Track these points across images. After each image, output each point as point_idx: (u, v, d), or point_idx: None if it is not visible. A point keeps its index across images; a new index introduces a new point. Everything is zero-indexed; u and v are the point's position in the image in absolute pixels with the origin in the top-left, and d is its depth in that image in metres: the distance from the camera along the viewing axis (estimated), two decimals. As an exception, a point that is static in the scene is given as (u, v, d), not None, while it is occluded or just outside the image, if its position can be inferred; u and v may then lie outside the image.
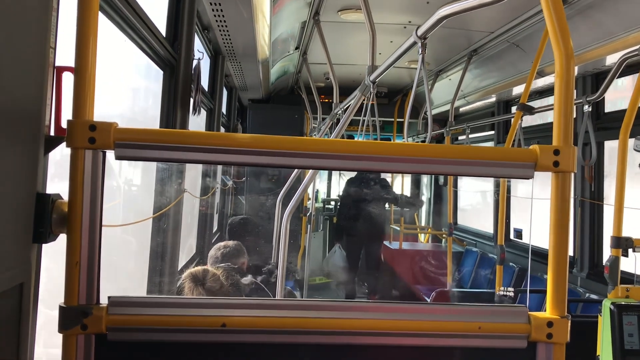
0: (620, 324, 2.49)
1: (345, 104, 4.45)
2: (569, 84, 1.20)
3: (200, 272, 2.51)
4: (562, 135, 1.20)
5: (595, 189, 4.68)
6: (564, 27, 1.22)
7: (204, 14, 3.56)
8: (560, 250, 1.21)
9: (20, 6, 1.07)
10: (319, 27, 4.48)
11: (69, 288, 1.11)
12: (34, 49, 1.14)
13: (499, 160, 1.22)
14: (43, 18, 1.14)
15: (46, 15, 1.16)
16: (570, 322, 1.21)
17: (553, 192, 1.20)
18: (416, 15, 4.50)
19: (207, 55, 4.47)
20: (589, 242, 4.71)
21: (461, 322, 1.20)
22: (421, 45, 2.02)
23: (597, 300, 3.69)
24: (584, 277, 4.68)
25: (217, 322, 1.14)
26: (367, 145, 1.25)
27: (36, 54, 1.14)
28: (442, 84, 6.83)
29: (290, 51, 6.05)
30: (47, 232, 1.13)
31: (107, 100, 2.44)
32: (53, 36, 1.20)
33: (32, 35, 1.13)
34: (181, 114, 2.75)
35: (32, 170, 1.12)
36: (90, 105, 1.14)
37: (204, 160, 1.19)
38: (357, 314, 1.22)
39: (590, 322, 2.91)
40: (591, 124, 3.58)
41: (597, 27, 3.67)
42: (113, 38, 2.13)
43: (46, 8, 1.16)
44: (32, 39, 1.13)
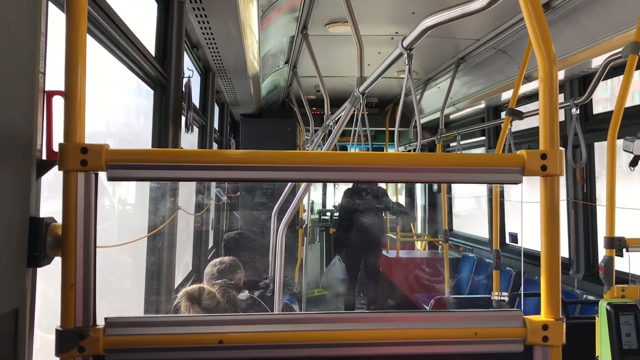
0: (617, 324, 2.50)
1: (337, 116, 4.48)
2: (552, 88, 1.22)
3: (195, 290, 2.50)
4: (548, 139, 1.22)
5: (588, 190, 4.71)
6: (546, 33, 1.24)
7: (192, 32, 3.58)
8: (551, 253, 1.22)
9: (9, 32, 1.08)
10: (308, 41, 4.51)
11: (65, 310, 1.12)
12: (23, 75, 1.15)
13: (487, 166, 1.23)
14: (32, 43, 1.15)
15: (35, 41, 1.17)
16: (569, 324, 1.22)
17: (542, 195, 1.22)
18: (403, 26, 4.55)
19: (197, 73, 4.49)
20: (584, 244, 4.73)
21: (458, 328, 1.21)
22: (407, 56, 2.04)
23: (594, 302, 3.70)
24: (580, 278, 4.70)
25: (214, 339, 1.15)
26: (357, 156, 1.27)
27: (26, 79, 1.15)
28: (431, 92, 6.88)
29: (280, 65, 6.09)
30: (42, 256, 1.13)
31: (95, 120, 2.45)
32: (42, 61, 1.21)
33: (21, 61, 1.14)
34: (173, 132, 2.76)
35: (25, 194, 1.13)
36: (81, 128, 1.15)
37: (196, 178, 1.20)
38: (355, 325, 1.22)
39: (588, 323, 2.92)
40: (580, 126, 3.61)
41: (582, 31, 3.71)
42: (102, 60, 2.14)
43: (35, 33, 1.17)
44: (21, 65, 1.14)
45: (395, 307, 6.97)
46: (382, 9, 4.13)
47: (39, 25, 1.17)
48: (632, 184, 4.45)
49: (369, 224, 7.18)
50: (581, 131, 3.59)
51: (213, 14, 3.20)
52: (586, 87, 4.49)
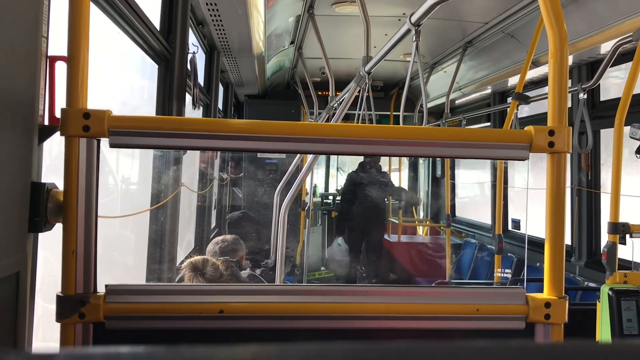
0: (619, 309, 2.49)
1: (341, 97, 4.45)
2: (562, 65, 1.20)
3: (200, 261, 2.51)
4: (556, 116, 1.20)
5: (592, 177, 4.68)
6: (558, 9, 1.22)
7: (198, 9, 3.55)
8: (556, 232, 1.21)
9: (11, -5, 1.06)
10: (314, 21, 4.47)
11: (66, 277, 1.11)
12: (25, 39, 1.13)
13: (494, 142, 1.22)
14: (34, 7, 1.14)
15: (38, 5, 1.15)
16: (569, 310, 1.21)
17: (549, 173, 1.20)
18: (410, 7, 4.47)
19: (203, 51, 4.46)
20: (587, 231, 4.71)
21: (460, 304, 1.20)
22: (415, 33, 2.02)
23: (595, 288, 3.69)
24: (582, 265, 4.69)
25: (215, 308, 1.14)
26: (364, 128, 1.25)
27: (28, 44, 1.14)
28: (437, 77, 6.83)
29: (286, 46, 6.04)
30: (43, 221, 1.12)
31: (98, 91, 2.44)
32: (45, 25, 1.19)
33: (24, 25, 1.12)
34: (177, 108, 2.74)
35: (27, 159, 1.12)
36: (83, 93, 1.14)
37: (200, 147, 1.19)
38: (357, 298, 1.22)
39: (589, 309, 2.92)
40: (587, 111, 3.58)
41: (591, 15, 3.66)
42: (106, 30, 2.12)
43: (37, -3, 1.15)
44: (24, 29, 1.13)
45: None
46: (390, -11, 4.09)
47: (42, -12, 1.15)
48: (638, 172, 4.43)
49: (372, 208, 7.17)
50: (588, 117, 3.55)
51: (219, -11, 3.17)
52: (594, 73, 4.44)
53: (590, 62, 4.56)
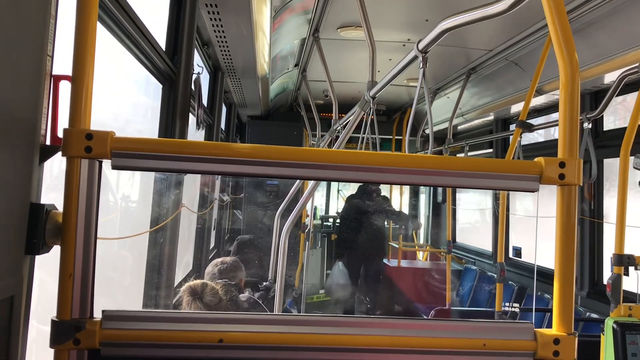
0: (623, 343, 2.45)
1: (345, 120, 4.45)
2: (574, 96, 1.19)
3: (198, 285, 2.47)
4: (567, 148, 1.18)
5: (595, 207, 4.66)
6: (569, 38, 1.20)
7: (204, 30, 3.56)
8: (566, 265, 1.18)
9: (18, 13, 1.05)
10: (319, 44, 4.49)
11: (61, 301, 1.08)
12: (30, 57, 1.12)
13: (503, 172, 1.19)
14: (41, 26, 1.13)
15: (44, 23, 1.14)
16: None
17: (559, 205, 1.18)
18: (415, 33, 4.52)
19: (207, 71, 4.47)
20: (589, 261, 4.68)
21: (465, 339, 1.17)
22: (422, 60, 2.01)
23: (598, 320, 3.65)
24: (584, 296, 4.64)
25: (214, 337, 1.11)
26: (368, 156, 1.23)
27: (33, 62, 1.12)
28: (440, 102, 6.85)
29: (290, 68, 6.07)
30: (41, 243, 1.09)
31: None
32: (51, 44, 1.18)
33: (29, 43, 1.11)
34: (180, 128, 2.73)
35: (27, 179, 1.10)
36: (87, 113, 1.12)
37: (202, 171, 1.17)
38: (357, 330, 1.18)
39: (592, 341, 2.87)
40: (591, 141, 3.57)
41: (596, 46, 3.68)
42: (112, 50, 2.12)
43: (44, 16, 1.14)
44: (29, 47, 1.11)
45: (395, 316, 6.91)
46: (395, 15, 4.11)
47: (49, 7, 1.14)
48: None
49: (371, 232, 7.15)
50: (593, 146, 3.54)
51: (226, 11, 3.18)
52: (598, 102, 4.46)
53: (594, 92, 4.57)
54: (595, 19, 3.53)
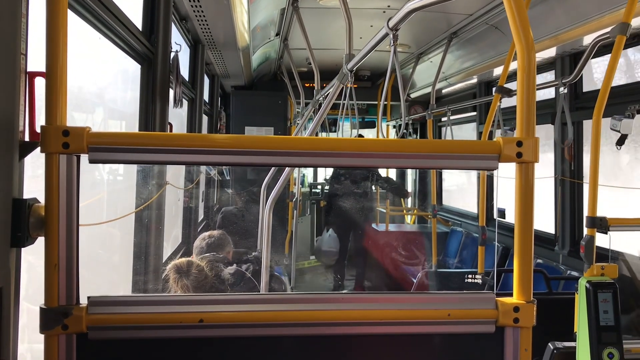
0: (595, 301, 2.56)
1: (326, 91, 4.47)
2: (530, 77, 1.24)
3: (184, 263, 2.53)
4: (524, 127, 1.24)
5: (575, 167, 4.75)
6: (525, 20, 1.25)
7: (180, 5, 3.55)
8: (524, 237, 1.25)
9: (-11, 14, 1.08)
10: (299, 14, 4.47)
11: (48, 290, 1.14)
12: (3, 56, 1.15)
13: (465, 153, 1.25)
14: (12, 25, 1.15)
15: (15, 22, 1.17)
16: (551, 300, 1.26)
17: (517, 182, 1.25)
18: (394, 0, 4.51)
19: (187, 45, 4.45)
20: (570, 220, 4.79)
21: (431, 310, 1.25)
22: (392, 37, 2.04)
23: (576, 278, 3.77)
24: (565, 254, 4.77)
25: (195, 318, 1.18)
26: (341, 142, 1.28)
27: (7, 61, 1.16)
28: (423, 67, 6.86)
29: (271, 37, 6.03)
30: (25, 236, 1.15)
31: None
32: (23, 42, 1.21)
33: (2, 43, 1.14)
34: (160, 107, 2.75)
35: (8, 176, 1.14)
36: (63, 110, 1.16)
37: (181, 162, 1.21)
38: (335, 305, 1.26)
39: (571, 299, 2.99)
40: (567, 105, 3.63)
41: (573, 9, 3.70)
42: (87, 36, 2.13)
43: (15, 14, 1.17)
44: (2, 46, 1.14)
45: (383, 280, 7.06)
46: (374, -18, 4.10)
47: (19, 7, 1.17)
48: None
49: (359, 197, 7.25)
50: (568, 110, 3.60)
51: (202, -15, 3.16)
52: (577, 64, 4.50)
53: (573, 54, 4.61)
54: (572, -19, 3.54)
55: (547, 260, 4.93)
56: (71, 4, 1.78)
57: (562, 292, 4.15)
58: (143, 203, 2.87)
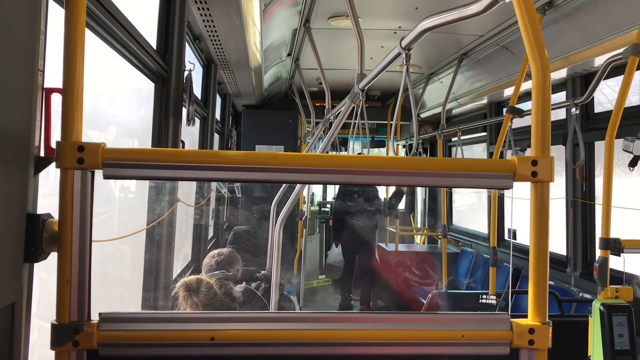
0: (610, 324, 2.52)
1: (337, 110, 4.49)
2: (545, 96, 1.23)
3: (194, 281, 2.53)
4: (539, 146, 1.23)
5: (587, 188, 4.71)
6: (539, 39, 1.25)
7: (194, 25, 3.59)
8: (540, 257, 1.23)
9: (8, 30, 1.09)
10: (310, 34, 4.51)
11: (60, 305, 1.14)
12: (22, 72, 1.16)
13: (479, 171, 1.25)
14: (31, 42, 1.17)
15: (34, 39, 1.18)
16: (563, 322, 1.24)
17: (532, 201, 1.23)
18: (406, 21, 4.54)
19: (200, 64, 4.50)
20: (582, 242, 4.74)
21: (446, 330, 1.23)
22: (405, 56, 2.06)
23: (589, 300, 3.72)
24: (577, 276, 4.72)
25: (206, 336, 1.17)
26: (353, 159, 1.28)
27: (24, 77, 1.17)
28: (434, 87, 6.88)
29: (283, 57, 6.08)
30: (38, 252, 1.15)
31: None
32: (41, 59, 1.22)
33: (20, 59, 1.15)
34: (173, 125, 2.77)
35: (23, 191, 1.15)
36: (78, 125, 1.17)
37: (194, 178, 1.22)
38: (346, 325, 1.24)
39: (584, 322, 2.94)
40: (579, 125, 3.62)
41: (584, 30, 3.71)
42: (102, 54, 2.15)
43: (34, 31, 1.19)
44: (20, 63, 1.16)
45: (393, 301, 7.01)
46: (385, 3, 4.13)
47: (38, 24, 1.19)
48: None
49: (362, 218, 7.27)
50: (580, 131, 3.59)
51: (215, 6, 3.20)
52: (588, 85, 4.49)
53: (584, 75, 4.61)
54: (583, 3, 3.55)
55: (559, 282, 4.87)
56: (89, 23, 1.81)
57: (574, 315, 4.09)
58: (154, 220, 2.88)
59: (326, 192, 10.27)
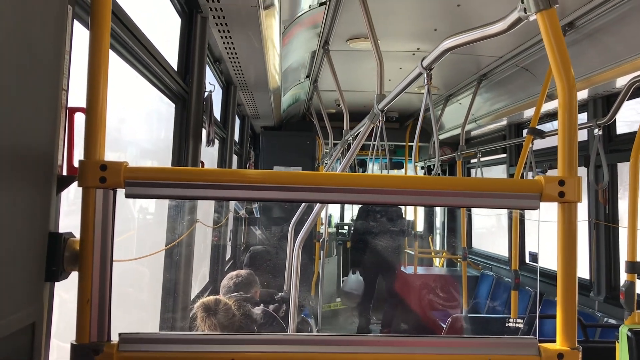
0: (638, 350, 2.45)
1: (356, 131, 4.48)
2: (572, 115, 1.21)
3: (212, 302, 2.51)
4: (566, 166, 1.21)
5: (610, 211, 4.63)
6: (565, 58, 1.23)
7: (215, 47, 3.63)
8: (568, 280, 1.20)
9: (34, 50, 1.10)
10: (329, 56, 4.54)
11: (80, 325, 1.13)
12: (46, 92, 1.17)
13: (504, 191, 1.22)
14: (56, 61, 1.18)
15: (59, 59, 1.19)
16: (588, 348, 1.20)
17: (560, 222, 1.20)
18: (424, 42, 4.55)
19: (219, 86, 4.54)
20: (606, 265, 4.65)
21: (470, 355, 1.20)
22: (427, 76, 2.05)
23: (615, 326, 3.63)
24: (601, 301, 4.62)
25: (226, 357, 1.15)
26: (375, 178, 1.27)
27: (49, 96, 1.18)
28: (452, 108, 6.86)
29: (301, 79, 6.12)
30: (60, 271, 1.14)
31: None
32: (65, 78, 1.23)
33: (45, 78, 1.16)
34: (193, 146, 2.79)
35: (45, 209, 1.15)
36: (101, 144, 1.17)
37: (214, 197, 1.21)
38: (368, 348, 1.22)
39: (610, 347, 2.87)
40: (602, 147, 3.57)
41: (606, 51, 3.68)
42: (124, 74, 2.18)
43: (59, 51, 1.20)
44: (45, 82, 1.16)
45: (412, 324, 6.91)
46: (404, 25, 4.14)
47: (63, 44, 1.20)
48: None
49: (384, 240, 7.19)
50: (603, 152, 3.54)
51: (235, 28, 3.23)
52: (609, 106, 4.44)
53: (605, 96, 4.56)
54: (604, 24, 3.53)
55: (582, 307, 4.77)
56: (112, 44, 1.83)
57: (600, 341, 3.99)
58: (173, 240, 2.88)
59: (343, 214, 10.23)
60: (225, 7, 2.86)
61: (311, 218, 3.09)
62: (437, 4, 3.66)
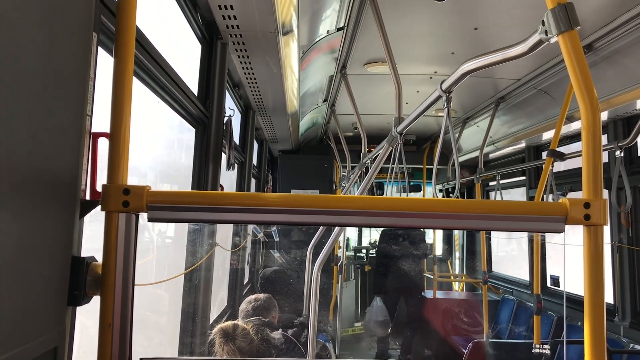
0: (667, 378, 2.37)
1: (374, 154, 4.49)
2: (596, 136, 1.20)
3: (230, 327, 2.50)
4: (591, 188, 1.19)
5: (634, 234, 4.55)
6: (588, 79, 1.22)
7: (234, 72, 3.67)
8: (596, 304, 1.17)
9: (61, 77, 1.12)
10: (346, 80, 4.57)
11: (101, 349, 1.13)
12: (71, 117, 1.19)
13: (528, 214, 1.20)
14: (81, 87, 1.20)
15: (84, 85, 1.21)
16: None
17: (585, 245, 1.18)
18: (442, 66, 4.56)
19: (238, 111, 4.58)
20: (630, 289, 4.55)
21: (496, 382, 1.17)
22: (446, 99, 2.05)
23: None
24: (626, 326, 4.51)
25: (248, 383, 1.14)
26: (395, 201, 1.26)
27: (74, 122, 1.20)
28: (470, 131, 6.84)
29: (319, 103, 6.16)
30: (82, 295, 1.15)
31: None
32: (90, 104, 1.25)
33: (71, 104, 1.18)
34: (213, 169, 2.80)
35: (68, 234, 1.16)
36: (124, 169, 1.18)
37: (235, 220, 1.21)
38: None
39: (636, 375, 2.79)
40: (624, 169, 3.52)
41: (625, 73, 3.65)
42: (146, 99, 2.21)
43: (84, 78, 1.22)
44: (71, 108, 1.18)
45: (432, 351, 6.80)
46: (421, 49, 4.16)
47: (88, 70, 1.22)
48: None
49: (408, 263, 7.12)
50: (626, 174, 3.49)
51: (254, 54, 3.27)
52: (630, 128, 4.40)
53: (626, 118, 4.52)
54: (623, 46, 3.51)
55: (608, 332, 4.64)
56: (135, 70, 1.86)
57: (626, 368, 3.89)
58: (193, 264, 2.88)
59: (361, 237, 10.18)
60: (245, 34, 2.90)
61: (330, 241, 3.08)
62: (454, 28, 3.68)
